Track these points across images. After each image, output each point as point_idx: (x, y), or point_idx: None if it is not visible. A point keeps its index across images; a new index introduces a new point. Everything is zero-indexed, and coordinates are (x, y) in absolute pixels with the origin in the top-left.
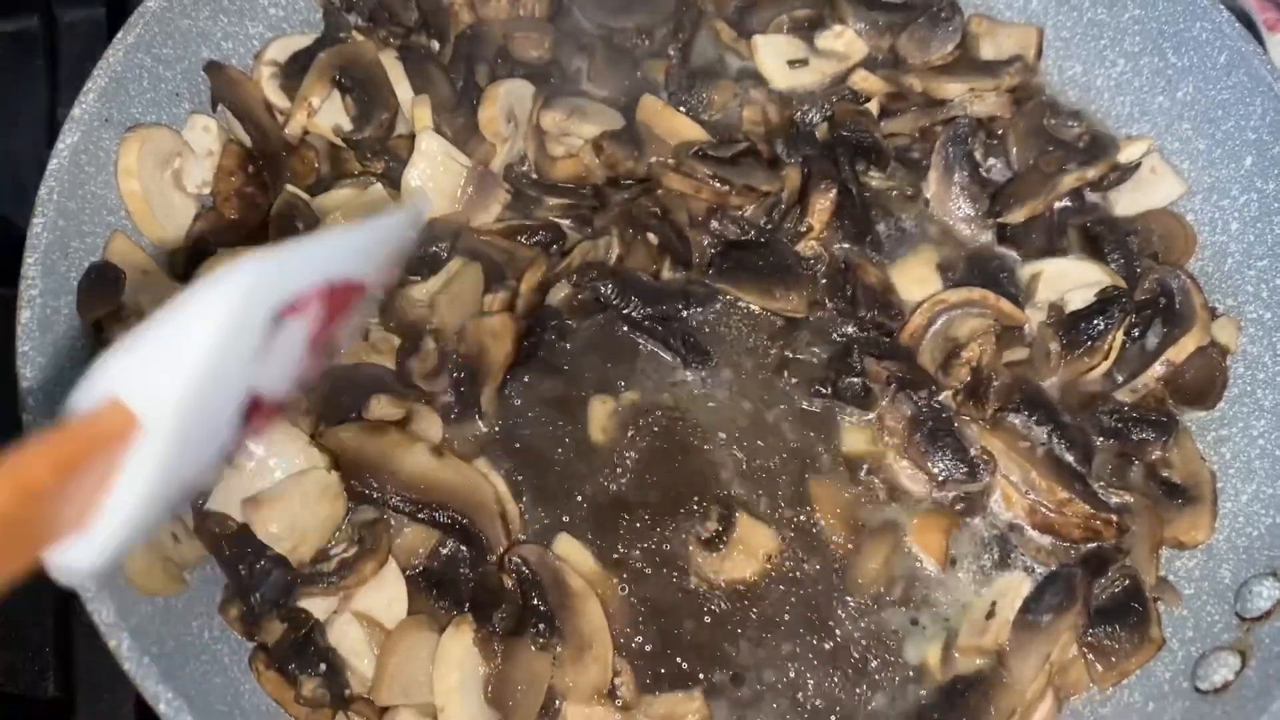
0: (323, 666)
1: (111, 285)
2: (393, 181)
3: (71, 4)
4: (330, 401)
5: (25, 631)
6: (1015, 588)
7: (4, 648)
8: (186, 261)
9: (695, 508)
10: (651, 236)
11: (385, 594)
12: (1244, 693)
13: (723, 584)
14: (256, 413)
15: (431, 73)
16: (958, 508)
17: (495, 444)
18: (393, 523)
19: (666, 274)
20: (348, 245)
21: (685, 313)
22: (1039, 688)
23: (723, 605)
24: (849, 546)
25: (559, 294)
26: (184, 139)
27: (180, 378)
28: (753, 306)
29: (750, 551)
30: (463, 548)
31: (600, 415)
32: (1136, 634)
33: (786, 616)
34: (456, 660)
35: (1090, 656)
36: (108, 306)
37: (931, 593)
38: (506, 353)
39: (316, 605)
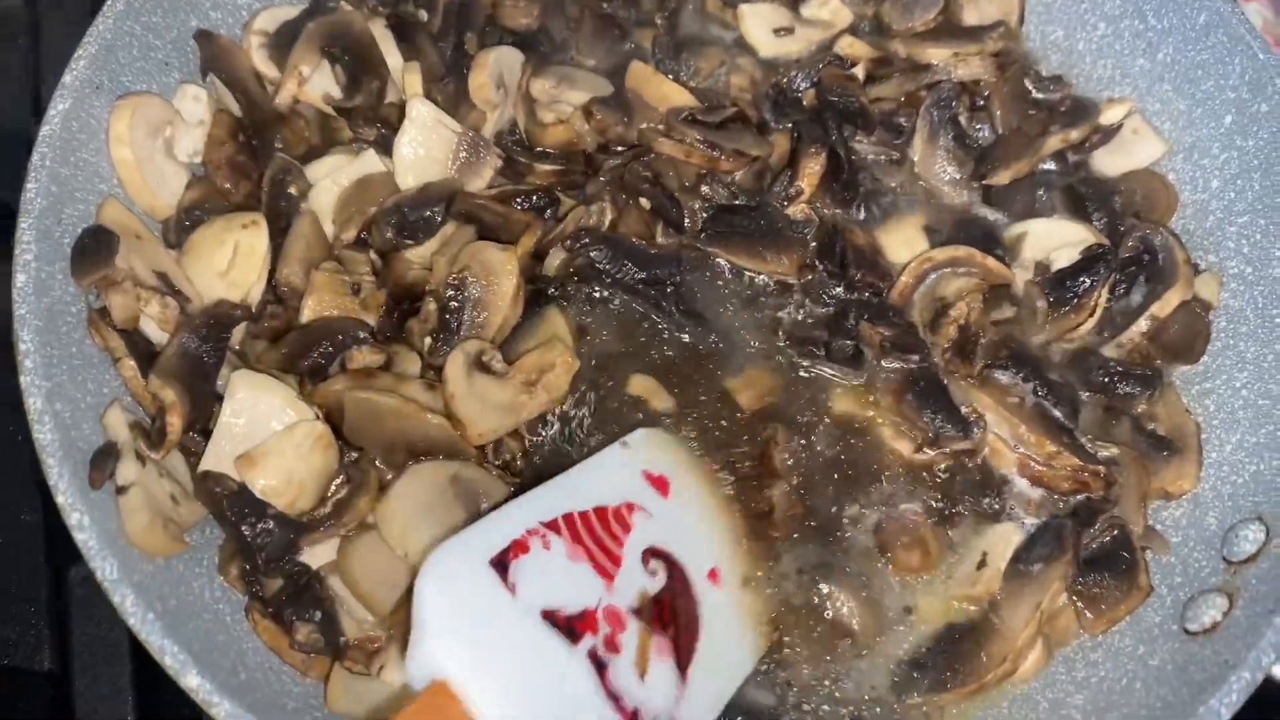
0: (318, 614)
1: (105, 250)
2: (385, 148)
3: None
4: (305, 356)
5: (20, 606)
6: (1006, 538)
7: (0, 622)
8: (178, 229)
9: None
10: (644, 202)
11: None
12: (1232, 631)
13: None
14: (582, 624)
15: (421, 41)
16: (947, 465)
17: None
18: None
19: (660, 239)
20: (552, 490)
21: (678, 277)
22: (1030, 635)
23: None
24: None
25: (554, 260)
26: (175, 108)
27: (444, 647)
28: (745, 270)
29: None
30: None
31: None
32: (1125, 582)
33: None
34: None
35: (1080, 604)
36: (101, 271)
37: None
38: (508, 295)
39: (318, 554)
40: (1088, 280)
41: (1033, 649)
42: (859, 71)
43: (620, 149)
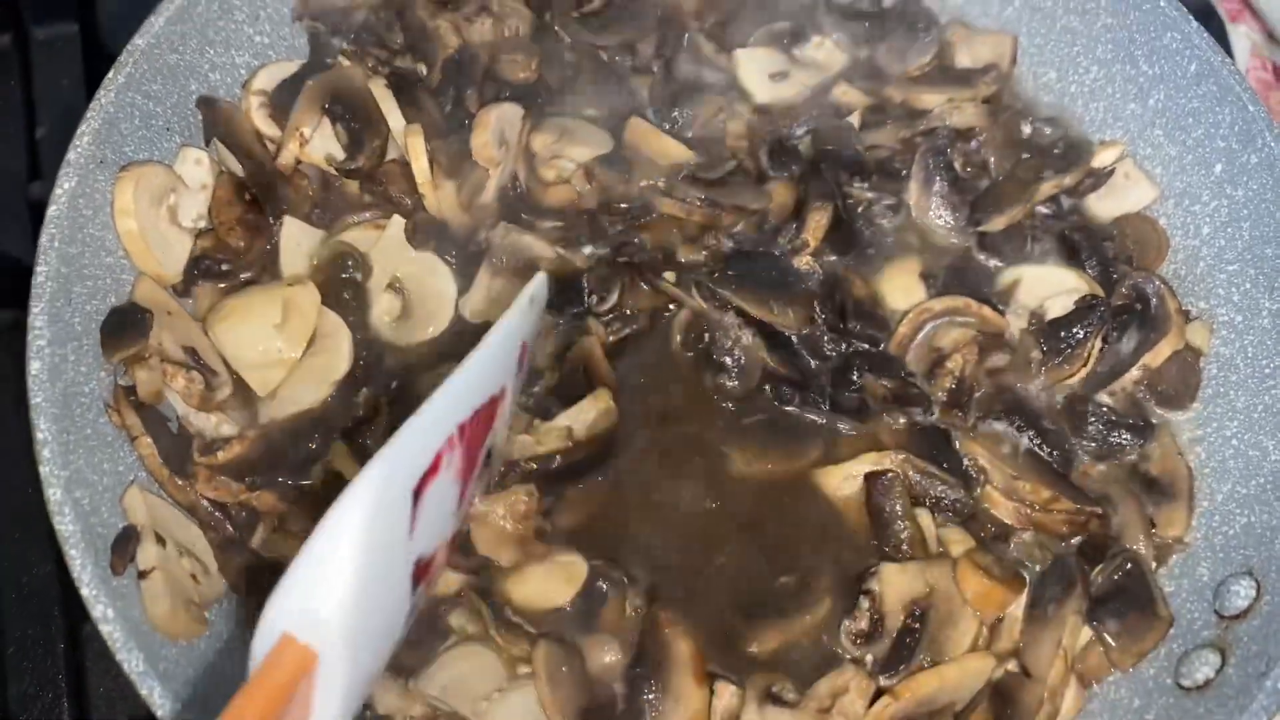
0: None
1: (137, 327)
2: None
3: (43, 21)
4: None
5: (38, 660)
6: None
7: (17, 678)
8: (187, 280)
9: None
10: None
11: None
12: (1225, 690)
13: None
14: (425, 571)
15: (420, 98)
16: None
17: None
18: None
19: None
20: (472, 377)
21: None
22: (1059, 674)
23: None
24: None
25: None
26: (176, 174)
27: (336, 598)
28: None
29: None
30: None
31: None
32: (1145, 613)
33: None
34: None
35: (1106, 639)
36: (133, 348)
37: None
38: None
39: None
40: (1081, 330)
41: (1068, 687)
42: (854, 119)
43: (622, 207)
